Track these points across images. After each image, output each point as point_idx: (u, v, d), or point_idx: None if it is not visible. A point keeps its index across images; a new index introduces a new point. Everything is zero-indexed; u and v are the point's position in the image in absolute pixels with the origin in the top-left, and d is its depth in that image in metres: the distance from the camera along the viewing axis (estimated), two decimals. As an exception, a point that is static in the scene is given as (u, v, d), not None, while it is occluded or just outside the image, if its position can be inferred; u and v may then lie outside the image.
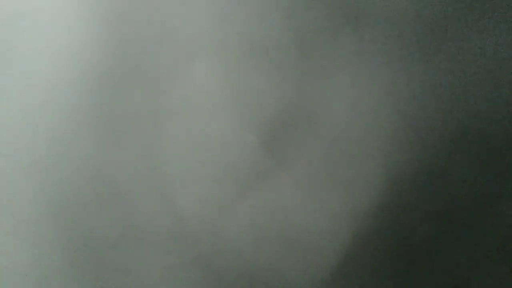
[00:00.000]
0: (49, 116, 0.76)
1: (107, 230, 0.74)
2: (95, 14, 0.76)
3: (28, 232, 0.75)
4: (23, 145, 0.75)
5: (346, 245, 0.73)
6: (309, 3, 0.75)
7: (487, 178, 0.73)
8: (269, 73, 0.75)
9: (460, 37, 0.74)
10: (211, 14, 0.76)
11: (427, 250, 0.73)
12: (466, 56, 0.74)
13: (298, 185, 0.74)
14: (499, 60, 0.74)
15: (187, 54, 0.76)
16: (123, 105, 0.75)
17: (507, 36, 0.74)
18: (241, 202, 0.74)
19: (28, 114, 0.76)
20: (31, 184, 0.75)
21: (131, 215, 0.74)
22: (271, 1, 0.76)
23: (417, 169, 0.73)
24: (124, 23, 0.76)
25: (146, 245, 0.74)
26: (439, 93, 0.74)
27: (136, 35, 0.76)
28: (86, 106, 0.75)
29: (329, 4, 0.75)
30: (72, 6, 0.76)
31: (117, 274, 0.74)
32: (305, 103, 0.75)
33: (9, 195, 0.75)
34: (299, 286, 0.73)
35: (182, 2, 0.76)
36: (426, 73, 0.74)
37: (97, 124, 0.75)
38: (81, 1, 0.77)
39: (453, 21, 0.74)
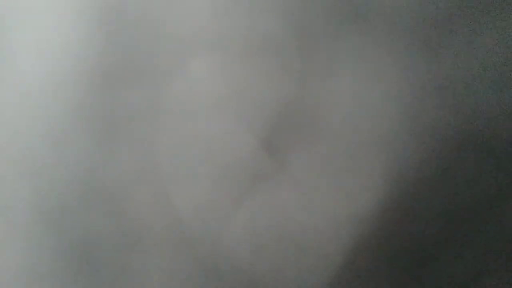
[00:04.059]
0: (44, 117, 0.76)
1: (104, 233, 0.74)
2: (90, 11, 0.76)
3: (24, 235, 0.75)
4: (18, 146, 0.75)
5: (347, 247, 0.73)
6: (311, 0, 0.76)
7: (493, 178, 0.73)
8: (269, 72, 0.75)
9: (465, 35, 0.74)
10: (210, 11, 0.76)
11: (431, 253, 0.73)
12: (470, 54, 0.74)
13: (298, 186, 0.74)
14: (504, 58, 0.74)
15: (185, 53, 0.75)
16: (120, 104, 0.75)
17: (512, 34, 0.74)
18: (241, 204, 0.74)
19: (23, 115, 0.76)
20: (26, 186, 0.75)
21: (128, 217, 0.74)
22: (271, -2, 0.76)
23: (421, 170, 0.73)
24: (120, 21, 0.76)
25: (143, 247, 0.74)
26: (443, 92, 0.74)
27: (133, 33, 0.76)
28: (81, 106, 0.75)
29: (331, 1, 0.75)
30: (67, 4, 0.76)
31: (114, 277, 0.74)
32: (306, 103, 0.75)
33: (5, 197, 0.75)
34: (300, 289, 0.73)
35: (180, -1, 0.76)
36: (430, 72, 0.74)
37: (93, 124, 0.75)
38: (77, -1, 0.77)
39: (457, 19, 0.74)
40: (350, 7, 0.75)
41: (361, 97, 0.75)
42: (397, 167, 0.74)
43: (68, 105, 0.76)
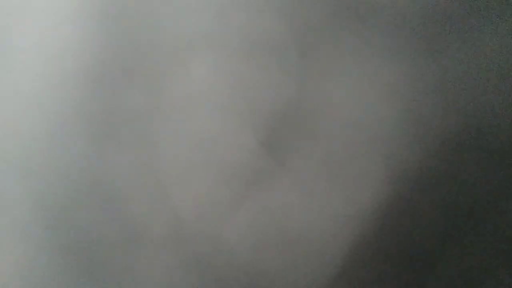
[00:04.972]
0: (43, 117, 0.76)
1: (104, 232, 0.74)
2: (90, 11, 0.76)
3: (23, 235, 0.74)
4: (18, 146, 0.75)
5: (347, 247, 0.73)
6: None
7: (492, 178, 0.73)
8: (269, 71, 0.75)
9: (465, 35, 0.74)
10: (210, 10, 0.76)
11: (431, 252, 0.73)
12: (471, 54, 0.74)
13: (298, 185, 0.74)
14: (505, 58, 0.74)
15: (184, 53, 0.75)
16: (119, 104, 0.75)
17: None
18: (241, 203, 0.74)
19: (22, 115, 0.76)
20: (26, 186, 0.75)
21: (128, 216, 0.74)
22: (271, -2, 0.76)
23: (421, 169, 0.73)
24: (120, 20, 0.76)
25: (143, 247, 0.74)
26: (443, 92, 0.74)
27: (133, 33, 0.76)
28: (81, 106, 0.75)
29: (331, 1, 0.75)
30: (67, 4, 0.76)
31: (114, 276, 0.74)
32: (306, 102, 0.75)
33: (4, 197, 0.75)
34: (300, 289, 0.73)
35: (180, -1, 0.76)
36: (430, 72, 0.74)
37: (92, 124, 0.75)
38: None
39: (458, 19, 0.74)
40: (350, 7, 0.75)
41: (361, 97, 0.75)
42: (397, 167, 0.74)
43: (68, 105, 0.76)
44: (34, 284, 0.74)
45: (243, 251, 0.74)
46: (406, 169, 0.73)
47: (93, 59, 0.76)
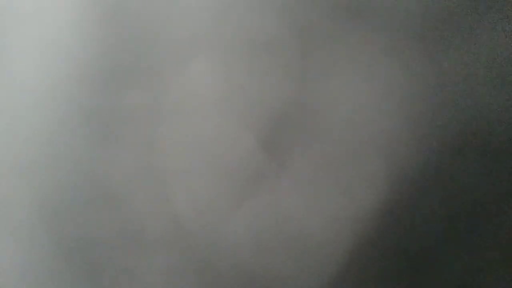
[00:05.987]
0: (43, 117, 0.76)
1: (103, 233, 0.74)
2: (91, 11, 0.76)
3: (23, 235, 0.74)
4: (17, 146, 0.75)
5: (347, 248, 0.73)
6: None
7: (491, 179, 0.73)
8: (269, 72, 0.75)
9: (465, 35, 0.74)
10: (210, 11, 0.76)
11: (431, 253, 0.72)
12: (470, 55, 0.74)
13: (298, 186, 0.74)
14: (504, 59, 0.74)
15: (185, 53, 0.75)
16: (119, 105, 0.75)
17: (512, 34, 0.74)
18: (241, 204, 0.74)
19: (22, 115, 0.76)
20: (25, 185, 0.75)
21: (127, 217, 0.74)
22: (271, -2, 0.76)
23: (421, 170, 0.73)
24: (120, 21, 0.76)
25: (142, 247, 0.74)
26: (443, 92, 0.74)
27: (133, 33, 0.76)
28: (81, 106, 0.75)
29: (332, 1, 0.75)
30: (67, 5, 0.76)
31: (113, 277, 0.74)
32: (306, 103, 0.75)
33: (4, 197, 0.75)
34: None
35: (180, -1, 0.76)
36: (430, 72, 0.74)
37: (92, 124, 0.75)
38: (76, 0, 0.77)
39: (457, 19, 0.74)
40: (350, 7, 0.75)
41: (361, 97, 0.75)
42: (397, 167, 0.74)
43: (68, 105, 0.76)
44: (34, 284, 0.74)
45: (243, 251, 0.74)
46: (406, 169, 0.73)
47: (93, 59, 0.76)
